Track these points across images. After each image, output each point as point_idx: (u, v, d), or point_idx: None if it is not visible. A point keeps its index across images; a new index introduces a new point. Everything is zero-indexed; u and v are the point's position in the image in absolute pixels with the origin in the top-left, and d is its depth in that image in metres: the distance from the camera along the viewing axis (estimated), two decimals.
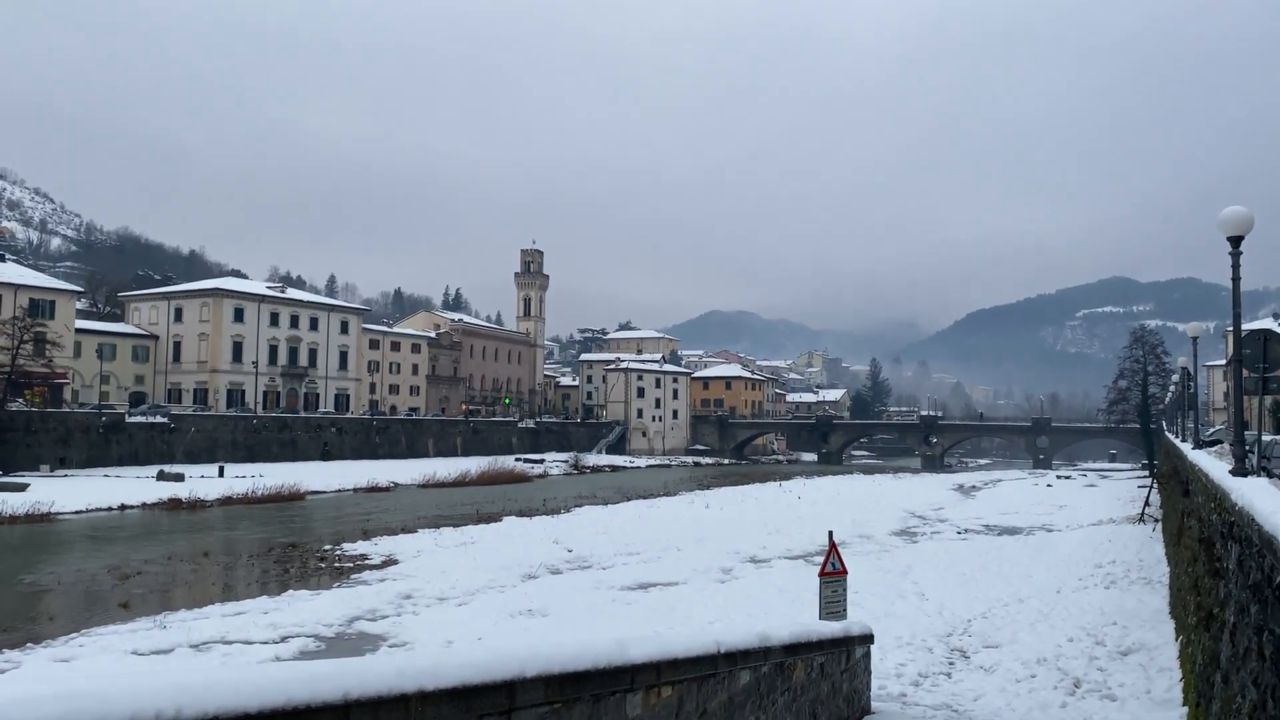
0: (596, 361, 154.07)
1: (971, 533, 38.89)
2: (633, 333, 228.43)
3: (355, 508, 50.43)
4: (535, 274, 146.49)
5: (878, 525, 40.21)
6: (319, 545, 33.53)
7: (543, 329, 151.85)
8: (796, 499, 54.45)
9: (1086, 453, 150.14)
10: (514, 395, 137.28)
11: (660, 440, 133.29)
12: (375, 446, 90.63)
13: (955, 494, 66.35)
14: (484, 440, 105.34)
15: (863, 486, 69.20)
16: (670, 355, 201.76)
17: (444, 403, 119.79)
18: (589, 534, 35.76)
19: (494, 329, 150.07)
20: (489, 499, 55.38)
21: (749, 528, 38.07)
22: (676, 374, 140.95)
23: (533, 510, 48.01)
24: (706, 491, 63.02)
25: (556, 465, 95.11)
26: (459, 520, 42.98)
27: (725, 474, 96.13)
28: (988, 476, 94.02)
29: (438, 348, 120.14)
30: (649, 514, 44.57)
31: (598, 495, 60.91)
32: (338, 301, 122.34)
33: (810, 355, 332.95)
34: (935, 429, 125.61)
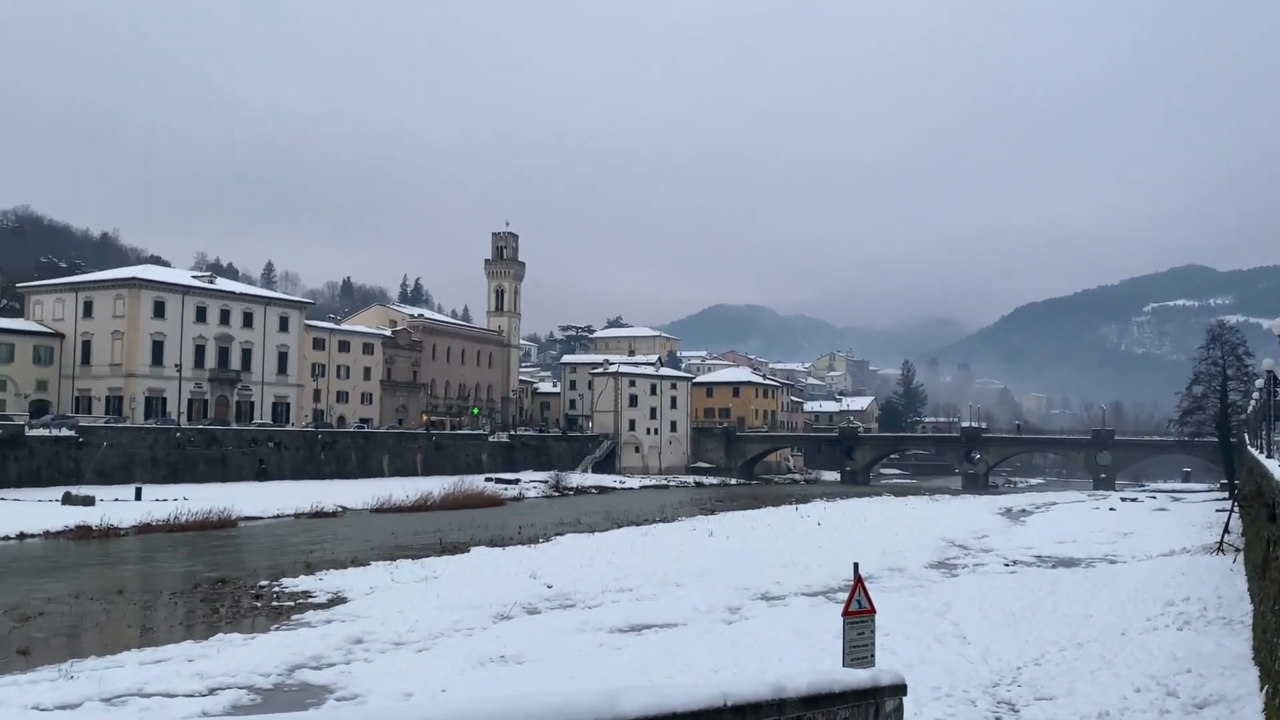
0: (581, 364, 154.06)
1: (1021, 565, 38.96)
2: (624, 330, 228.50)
3: (297, 536, 50.23)
4: (509, 261, 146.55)
5: (911, 556, 40.23)
6: (254, 581, 33.39)
7: (518, 326, 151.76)
8: (816, 525, 54.47)
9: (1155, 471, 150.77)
10: (484, 404, 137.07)
11: (656, 457, 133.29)
12: (320, 464, 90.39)
13: (1002, 519, 66.36)
14: (449, 457, 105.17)
15: (893, 511, 69.23)
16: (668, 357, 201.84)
17: (401, 413, 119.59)
18: (572, 567, 35.70)
19: (461, 326, 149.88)
20: (454, 526, 55.23)
21: (760, 559, 38.05)
22: (675, 379, 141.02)
23: (506, 539, 47.89)
24: (710, 517, 62.99)
25: (534, 486, 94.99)
26: (419, 551, 42.85)
27: (732, 496, 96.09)
28: (1040, 499, 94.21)
29: (394, 348, 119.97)
30: (643, 543, 44.52)
31: (583, 521, 60.79)
32: (276, 293, 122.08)
33: (832, 357, 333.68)
34: (978, 443, 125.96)
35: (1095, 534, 52.13)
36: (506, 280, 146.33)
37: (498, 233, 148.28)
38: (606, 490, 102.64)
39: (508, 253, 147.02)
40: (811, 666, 17.54)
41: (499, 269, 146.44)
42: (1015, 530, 56.75)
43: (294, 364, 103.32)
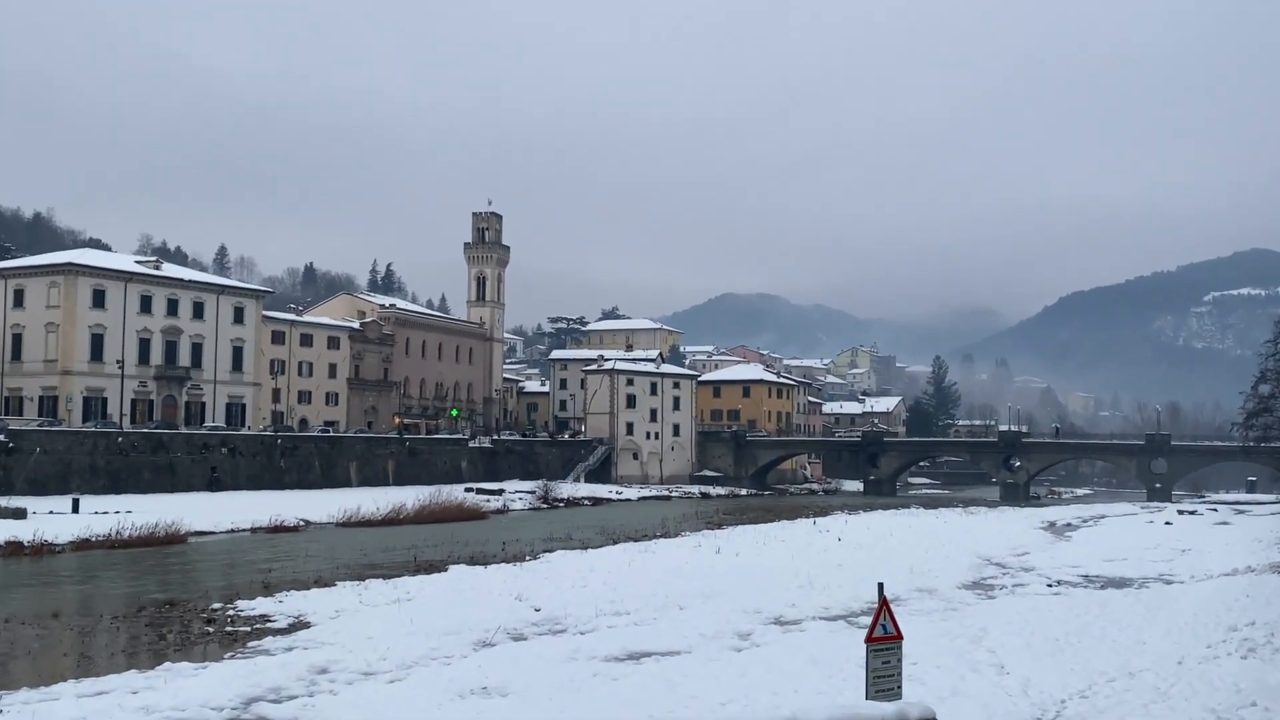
0: (572, 361, 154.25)
1: (1066, 585, 39.00)
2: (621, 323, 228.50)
3: (254, 554, 50.23)
4: (491, 245, 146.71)
5: (942, 576, 40.27)
6: (205, 603, 33.39)
7: (501, 318, 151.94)
8: (836, 541, 54.52)
9: (1217, 480, 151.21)
10: (464, 405, 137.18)
11: (657, 464, 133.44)
12: (280, 473, 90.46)
13: (1044, 534, 66.36)
14: (424, 464, 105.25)
15: (923, 525, 69.26)
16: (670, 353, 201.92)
17: (371, 415, 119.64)
18: (563, 588, 35.72)
19: (438, 318, 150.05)
20: (431, 541, 55.26)
21: (773, 579, 38.08)
22: (678, 377, 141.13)
23: (488, 557, 47.90)
24: (718, 532, 63.03)
25: (520, 497, 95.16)
26: (391, 570, 42.86)
27: (742, 508, 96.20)
28: (1087, 511, 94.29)
29: (363, 342, 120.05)
30: (642, 561, 44.56)
31: (574, 537, 60.77)
32: (231, 281, 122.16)
33: (854, 352, 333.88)
34: (1018, 449, 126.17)
35: (1149, 551, 52.22)
36: (489, 266, 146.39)
37: (479, 213, 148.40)
38: (601, 502, 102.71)
39: (490, 235, 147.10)
40: (831, 699, 17.56)
41: (480, 253, 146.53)
42: (1059, 547, 56.73)
43: (250, 360, 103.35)
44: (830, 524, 68.73)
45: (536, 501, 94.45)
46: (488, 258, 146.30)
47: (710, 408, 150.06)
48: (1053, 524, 76.87)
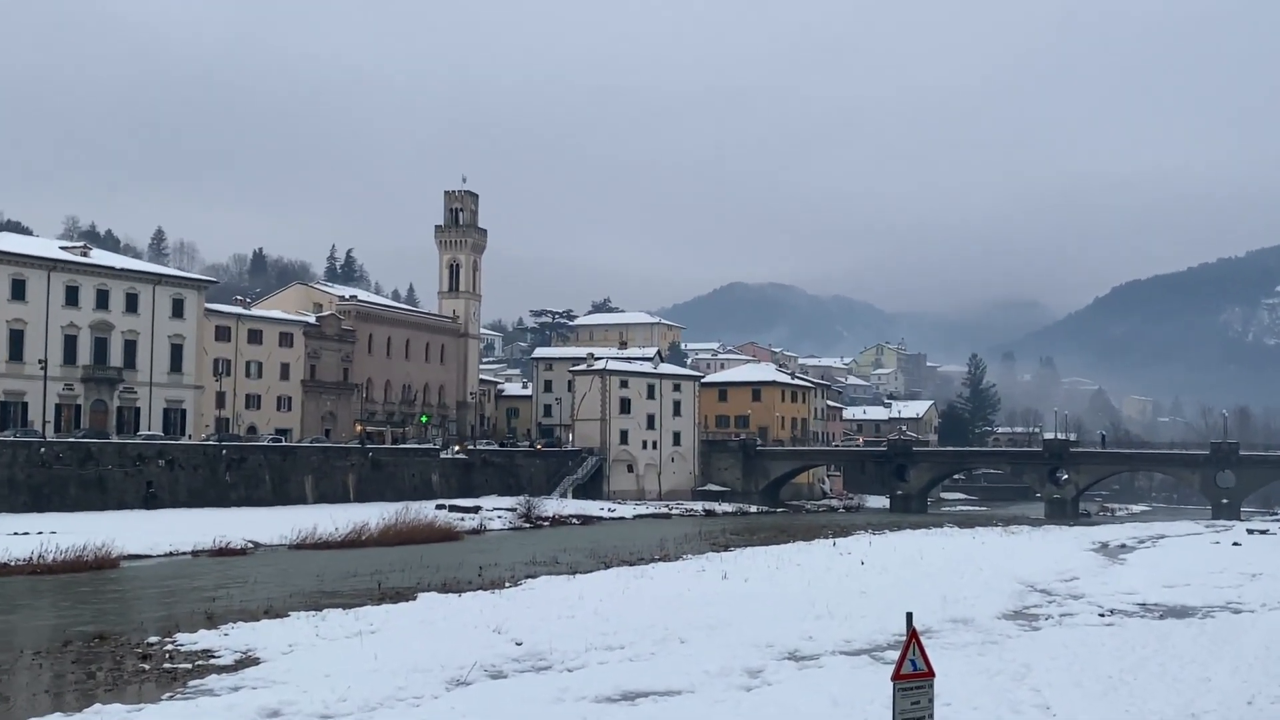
0: (558, 360, 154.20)
1: (1121, 614, 39.04)
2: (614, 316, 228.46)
3: (196, 580, 50.18)
4: (466, 228, 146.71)
5: (980, 604, 40.29)
6: (141, 636, 33.36)
7: (478, 311, 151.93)
8: (859, 565, 54.53)
9: None
10: (435, 410, 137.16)
11: (655, 478, 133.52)
12: (225, 488, 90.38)
13: (1096, 556, 66.35)
14: (390, 478, 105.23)
15: (957, 546, 69.26)
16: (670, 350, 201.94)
17: (329, 421, 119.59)
18: (548, 618, 35.69)
19: (405, 311, 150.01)
20: (397, 566, 55.24)
21: (787, 608, 38.08)
22: (679, 378, 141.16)
23: (463, 583, 47.88)
24: (724, 554, 62.99)
25: (498, 515, 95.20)
26: (352, 598, 42.84)
27: (752, 528, 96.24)
28: (1144, 530, 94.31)
29: (320, 339, 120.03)
30: (638, 588, 44.56)
31: (561, 560, 60.77)
32: (169, 270, 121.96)
33: (879, 350, 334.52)
34: (1066, 460, 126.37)
35: (1215, 575, 52.24)
36: (463, 252, 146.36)
37: (452, 192, 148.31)
38: (591, 520, 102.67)
39: (464, 217, 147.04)
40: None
41: (453, 237, 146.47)
42: (1113, 571, 56.72)
43: (191, 359, 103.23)
44: (852, 545, 68.65)
45: (517, 520, 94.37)
46: (462, 243, 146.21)
47: (715, 413, 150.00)
48: (1105, 545, 76.81)
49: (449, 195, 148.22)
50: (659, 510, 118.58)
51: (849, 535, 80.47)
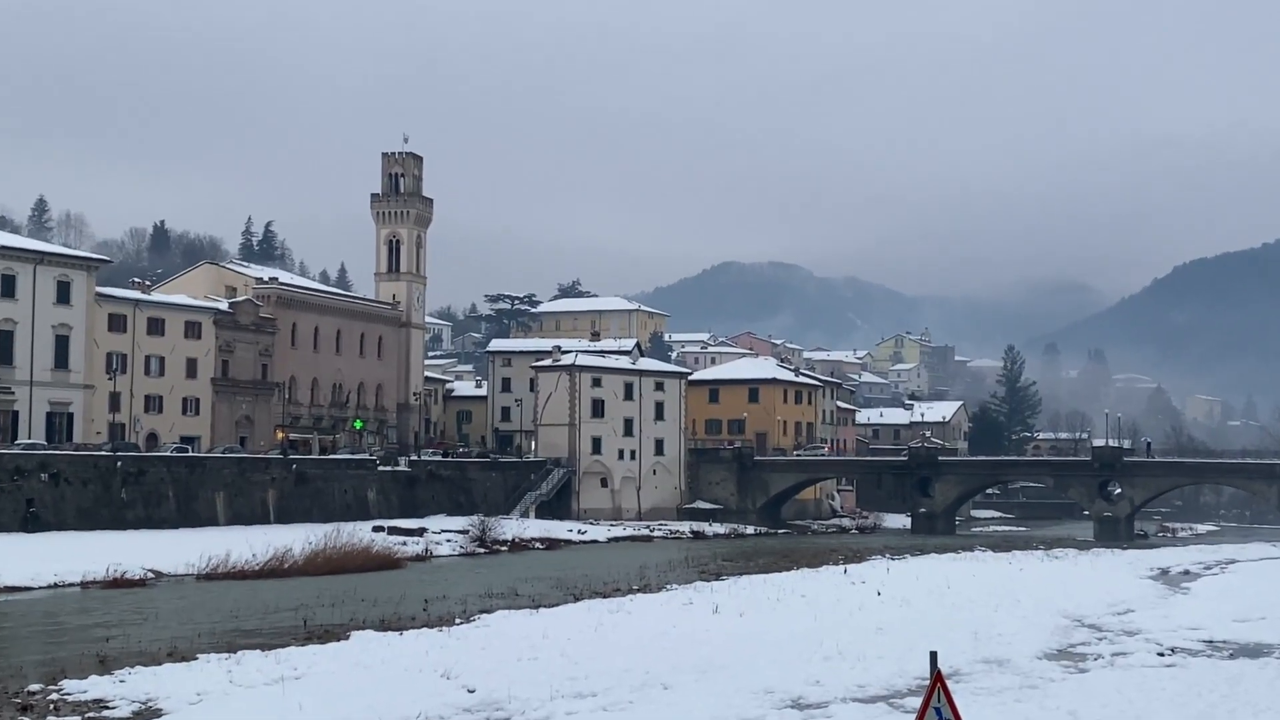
0: (518, 353, 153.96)
1: (1184, 653, 39.21)
2: (585, 302, 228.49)
3: (85, 616, 49.92)
4: (408, 196, 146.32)
5: (1018, 641, 40.44)
6: (20, 684, 33.13)
7: (423, 295, 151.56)
8: (874, 596, 54.66)
9: None
10: (371, 414, 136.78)
11: (633, 493, 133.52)
12: (121, 507, 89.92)
13: (1154, 585, 66.61)
14: (318, 495, 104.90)
15: (991, 573, 69.50)
16: (652, 342, 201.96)
17: (245, 428, 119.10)
18: (506, 661, 35.67)
19: (336, 296, 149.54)
20: (327, 599, 55.11)
21: (790, 648, 38.13)
22: (662, 375, 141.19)
23: (405, 619, 47.83)
24: (715, 584, 63.05)
25: (448, 539, 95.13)
26: (272, 638, 42.72)
27: (748, 552, 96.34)
28: (1211, 554, 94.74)
29: (233, 329, 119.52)
30: (613, 625, 44.56)
31: (522, 592, 60.70)
32: (53, 246, 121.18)
33: (899, 342, 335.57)
34: (1119, 471, 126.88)
35: None
36: (404, 226, 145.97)
37: (391, 154, 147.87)
38: (558, 544, 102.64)
39: (406, 184, 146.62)
40: None
41: (393, 208, 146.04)
42: (1174, 601, 56.97)
43: (80, 354, 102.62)
44: (867, 573, 68.79)
45: (470, 544, 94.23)
46: (403, 214, 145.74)
47: (706, 417, 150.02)
48: (1165, 571, 77.12)
49: (387, 158, 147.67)
50: (638, 532, 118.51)
51: (863, 561, 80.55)
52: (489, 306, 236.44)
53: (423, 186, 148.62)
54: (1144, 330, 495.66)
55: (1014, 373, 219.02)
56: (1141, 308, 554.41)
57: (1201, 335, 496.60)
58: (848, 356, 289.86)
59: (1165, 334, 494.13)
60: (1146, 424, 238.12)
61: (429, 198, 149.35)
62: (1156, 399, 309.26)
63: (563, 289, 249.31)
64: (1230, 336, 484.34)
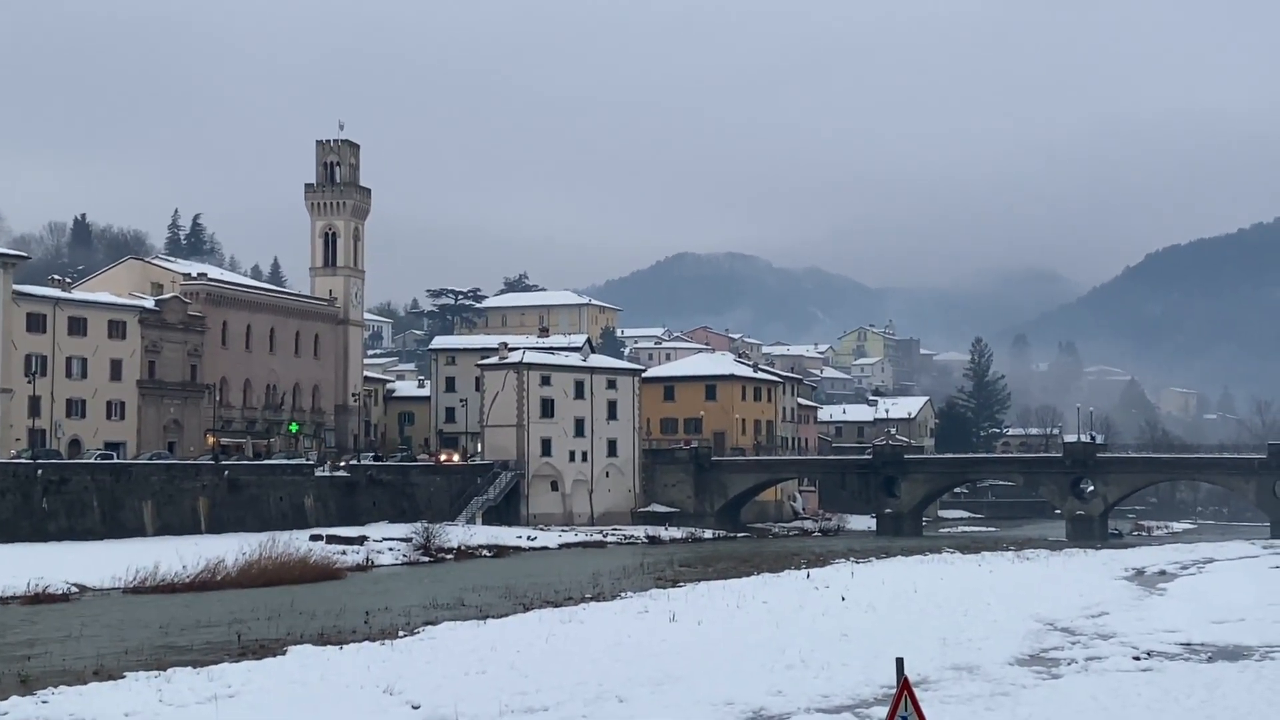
0: (463, 351, 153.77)
1: (1160, 657, 39.60)
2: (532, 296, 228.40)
3: (6, 633, 49.42)
4: (345, 186, 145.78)
5: (988, 647, 40.74)
6: None
7: (361, 291, 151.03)
8: (839, 601, 54.95)
9: None
10: (308, 417, 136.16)
11: (585, 497, 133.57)
12: (42, 518, 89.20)
13: (1129, 586, 67.21)
14: (251, 502, 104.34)
15: (960, 576, 70.00)
16: (604, 337, 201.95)
17: (173, 433, 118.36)
18: (452, 675, 35.61)
19: (269, 292, 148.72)
20: (262, 612, 54.98)
21: (751, 657, 38.25)
22: (615, 373, 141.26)
23: (345, 633, 47.67)
24: (672, 591, 63.15)
25: (390, 547, 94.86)
26: (204, 654, 42.52)
27: (707, 557, 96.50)
28: (1188, 553, 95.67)
29: (160, 328, 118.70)
30: (565, 635, 44.58)
31: (469, 602, 60.66)
32: None
33: (862, 335, 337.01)
34: (1092, 467, 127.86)
35: (1275, 608, 53.00)
36: (341, 217, 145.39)
37: (326, 142, 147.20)
38: (506, 551, 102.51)
39: (343, 173, 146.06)
40: None
41: (329, 199, 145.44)
42: (1150, 603, 57.52)
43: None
44: (831, 577, 69.11)
45: (414, 553, 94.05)
46: (339, 205, 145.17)
47: (661, 415, 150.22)
48: (1140, 572, 77.84)
49: (322, 146, 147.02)
50: (591, 537, 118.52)
51: (827, 565, 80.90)
52: (431, 302, 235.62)
53: (360, 176, 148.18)
54: (1117, 321, 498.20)
55: (982, 366, 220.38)
56: (1114, 297, 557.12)
57: (1176, 325, 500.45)
58: (809, 351, 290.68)
59: (1139, 324, 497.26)
60: (1120, 418, 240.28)
61: (366, 187, 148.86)
62: (1130, 392, 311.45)
63: (509, 283, 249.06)
64: (1206, 326, 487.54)
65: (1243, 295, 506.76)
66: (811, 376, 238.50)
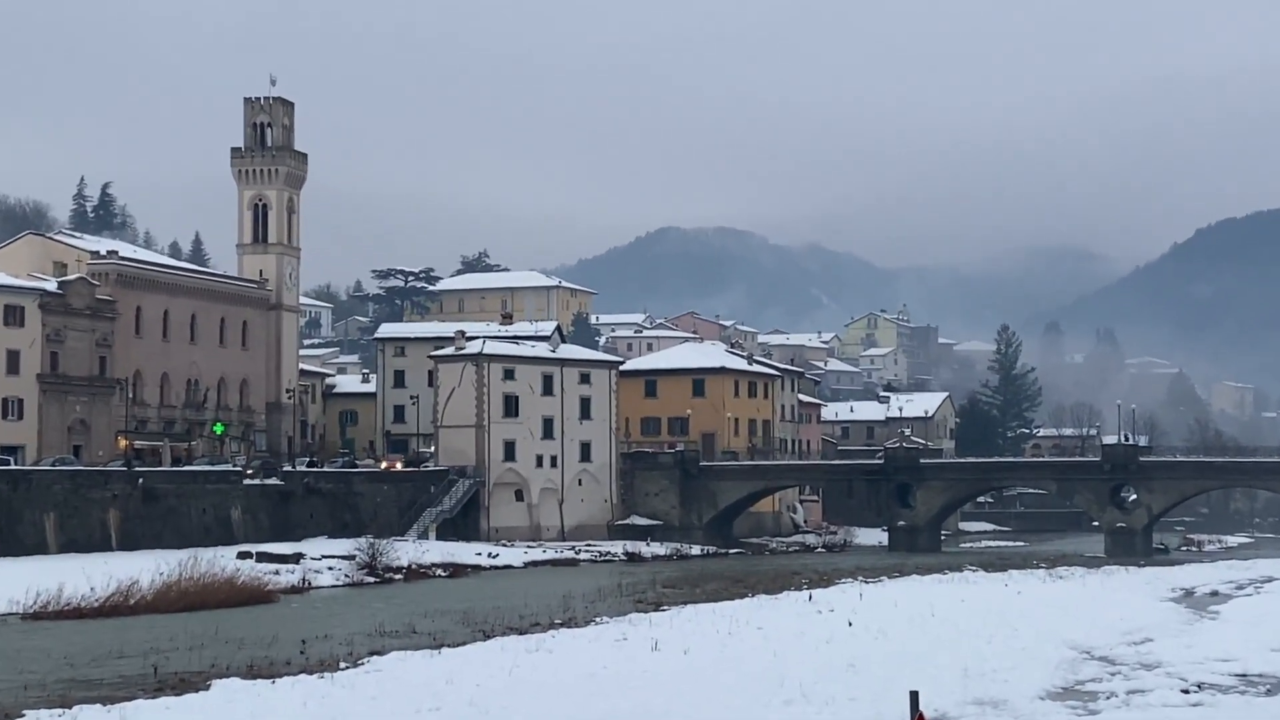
0: (414, 340, 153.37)
1: (1212, 689, 39.67)
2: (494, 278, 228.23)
3: None
4: (278, 151, 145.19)
5: (1016, 678, 40.78)
6: None
7: (296, 271, 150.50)
8: (845, 626, 54.98)
9: None
10: (236, 416, 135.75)
11: (555, 508, 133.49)
12: None
13: (1177, 609, 67.34)
14: (170, 515, 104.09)
15: (984, 598, 70.04)
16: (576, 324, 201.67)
17: (79, 434, 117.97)
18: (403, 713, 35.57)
19: (190, 273, 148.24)
20: (183, 641, 54.78)
21: (745, 690, 38.25)
22: (589, 365, 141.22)
23: (279, 665, 47.55)
24: (654, 616, 63.19)
25: (330, 566, 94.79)
26: (117, 689, 42.34)
27: (694, 576, 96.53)
28: (1244, 571, 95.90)
29: (64, 314, 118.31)
30: (532, 666, 44.53)
31: (421, 629, 60.65)
32: None
33: (872, 322, 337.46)
34: (1134, 472, 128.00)
35: None
36: (272, 186, 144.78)
37: (256, 99, 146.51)
38: (464, 570, 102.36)
39: (275, 135, 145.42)
40: None
41: (259, 165, 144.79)
42: (1201, 628, 57.65)
43: None
44: (836, 599, 69.16)
45: (357, 572, 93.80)
46: (271, 172, 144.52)
47: (642, 414, 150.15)
48: (1189, 592, 78.00)
49: (251, 105, 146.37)
50: (561, 554, 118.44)
51: (831, 585, 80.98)
52: (377, 284, 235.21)
53: (294, 139, 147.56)
54: (1163, 306, 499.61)
55: (1009, 358, 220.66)
56: (1159, 278, 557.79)
57: (1230, 310, 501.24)
58: (811, 340, 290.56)
59: (1188, 310, 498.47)
60: (1166, 417, 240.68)
61: (302, 152, 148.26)
62: (1178, 387, 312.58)
63: (467, 262, 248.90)
64: (1264, 312, 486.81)
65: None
66: (814, 369, 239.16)
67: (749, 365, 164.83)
